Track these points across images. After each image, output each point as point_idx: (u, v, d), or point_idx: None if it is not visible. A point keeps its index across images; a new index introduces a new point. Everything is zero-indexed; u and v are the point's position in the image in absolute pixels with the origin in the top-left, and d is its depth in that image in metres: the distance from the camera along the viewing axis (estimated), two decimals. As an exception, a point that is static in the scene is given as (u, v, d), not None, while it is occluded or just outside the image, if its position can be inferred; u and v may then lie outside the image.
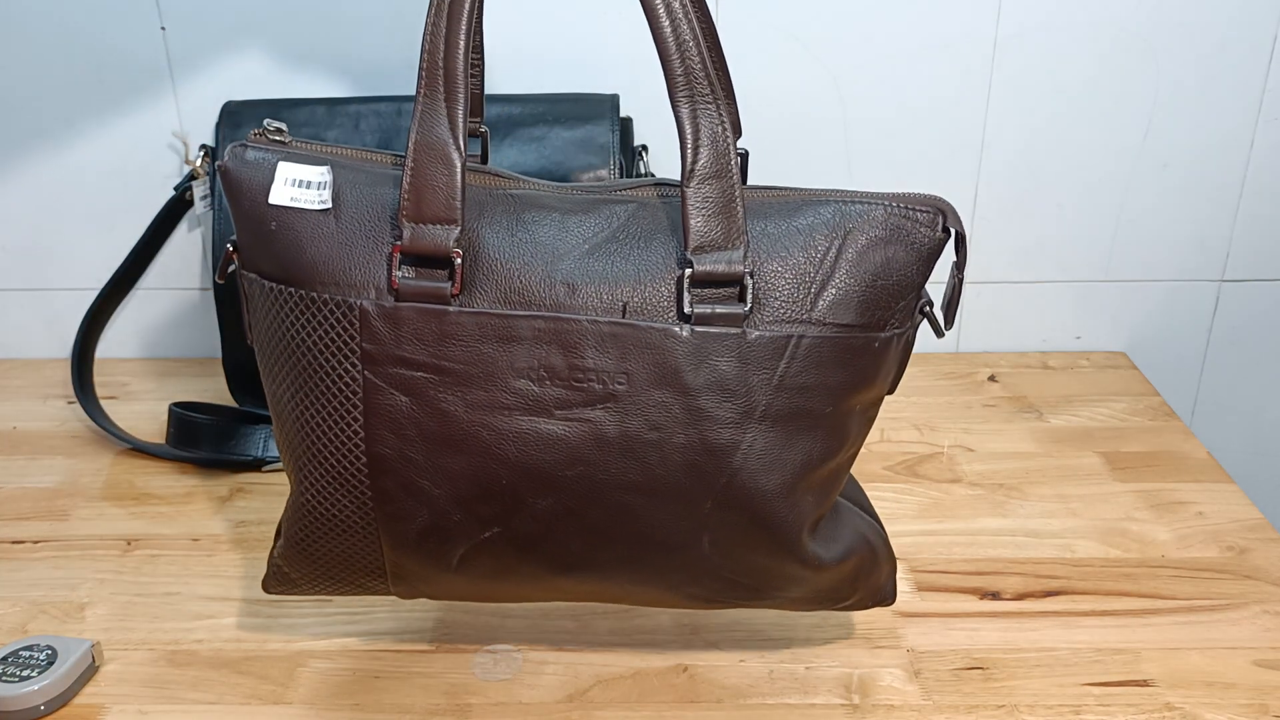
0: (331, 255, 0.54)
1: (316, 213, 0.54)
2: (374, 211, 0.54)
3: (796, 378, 0.54)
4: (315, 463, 0.57)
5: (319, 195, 0.54)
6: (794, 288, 0.53)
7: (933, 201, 0.55)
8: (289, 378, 0.56)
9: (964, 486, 0.86)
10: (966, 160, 1.01)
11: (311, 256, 0.54)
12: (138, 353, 1.08)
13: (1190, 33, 0.96)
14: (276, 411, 0.58)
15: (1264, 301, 1.07)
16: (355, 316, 0.53)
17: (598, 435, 0.54)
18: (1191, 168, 1.01)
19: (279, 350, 0.56)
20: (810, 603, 0.63)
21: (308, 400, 0.56)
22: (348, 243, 0.54)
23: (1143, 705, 0.65)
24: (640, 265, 0.53)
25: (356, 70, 0.98)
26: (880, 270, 0.54)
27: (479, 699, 0.66)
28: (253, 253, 0.56)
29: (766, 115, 0.99)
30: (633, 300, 0.53)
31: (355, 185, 0.55)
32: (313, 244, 0.54)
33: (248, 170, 0.54)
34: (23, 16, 0.96)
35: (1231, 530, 0.81)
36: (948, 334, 1.08)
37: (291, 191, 0.54)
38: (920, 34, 0.97)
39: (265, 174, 0.54)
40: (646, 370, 0.53)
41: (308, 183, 0.54)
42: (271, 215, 0.54)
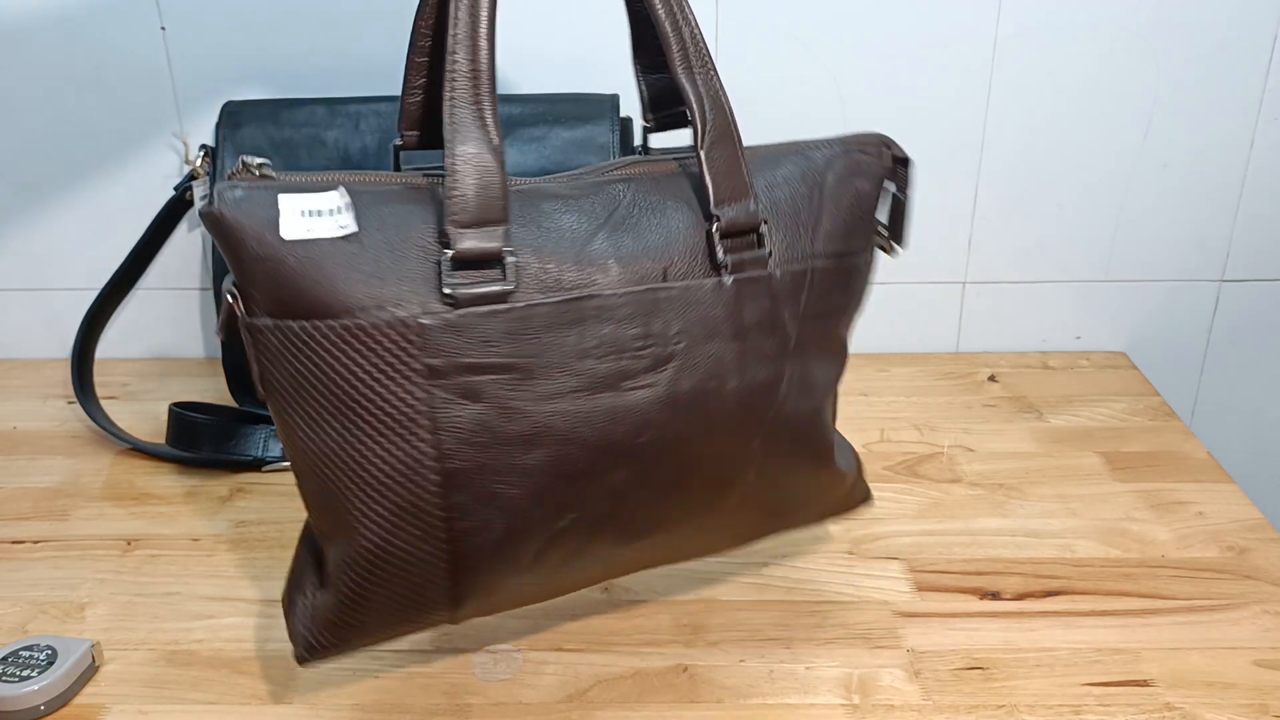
0: (366, 279, 0.51)
1: (338, 240, 0.51)
2: (395, 226, 0.52)
3: (814, 306, 0.59)
4: (377, 499, 0.53)
5: (337, 221, 0.51)
6: (795, 229, 0.58)
7: (876, 138, 0.62)
8: (331, 419, 0.53)
9: (964, 486, 0.86)
10: (966, 160, 1.01)
11: (344, 284, 0.51)
12: (138, 353, 1.08)
13: (1190, 33, 0.96)
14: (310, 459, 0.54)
15: (1264, 301, 1.07)
16: (414, 334, 0.51)
17: (663, 397, 0.56)
18: (1191, 168, 1.01)
19: (315, 392, 0.52)
20: (824, 514, 0.68)
21: (361, 435, 0.52)
22: (380, 263, 0.51)
23: (1143, 705, 0.65)
24: (663, 232, 0.56)
25: (356, 70, 0.98)
26: (854, 201, 0.61)
27: (479, 699, 0.66)
28: (264, 296, 0.52)
29: (766, 115, 0.99)
30: (667, 261, 0.55)
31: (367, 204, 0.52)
32: (343, 272, 0.51)
33: (244, 211, 0.50)
34: (23, 16, 0.96)
35: (1231, 530, 0.81)
36: (948, 334, 1.08)
37: (306, 223, 0.51)
38: (920, 34, 0.97)
39: (266, 211, 0.51)
40: (698, 326, 0.56)
41: (319, 211, 0.51)
42: (287, 251, 0.51)
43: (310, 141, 0.91)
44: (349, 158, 0.90)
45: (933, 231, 1.04)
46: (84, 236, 1.04)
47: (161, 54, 0.98)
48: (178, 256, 1.04)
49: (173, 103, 0.99)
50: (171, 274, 1.05)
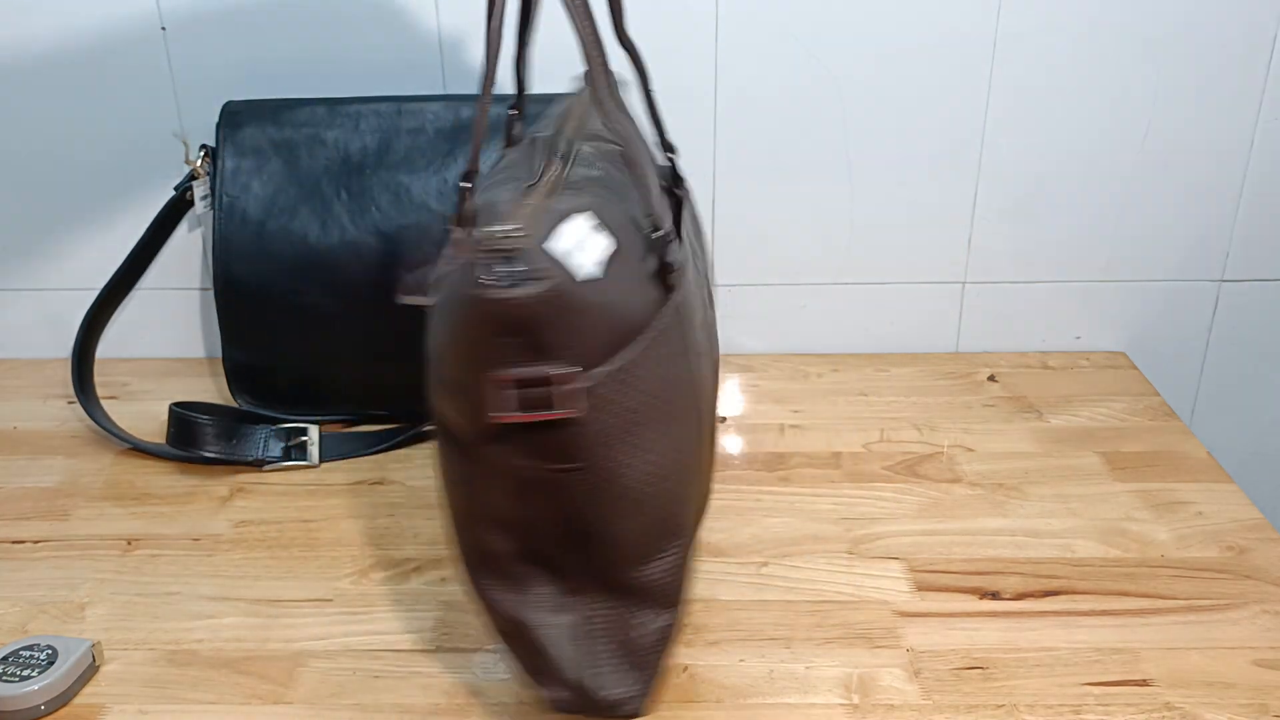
0: (631, 291, 0.49)
1: (607, 260, 0.48)
2: (628, 225, 0.51)
3: None
4: (688, 506, 0.53)
5: (598, 244, 0.48)
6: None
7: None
8: (661, 423, 0.50)
9: (964, 486, 0.86)
10: (966, 160, 1.01)
11: (628, 303, 0.49)
12: (138, 353, 1.08)
13: (1190, 33, 0.96)
14: (644, 481, 0.50)
15: (1264, 301, 1.07)
16: (672, 313, 0.51)
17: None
18: (1192, 167, 1.01)
19: (645, 411, 0.49)
20: None
21: (681, 429, 0.51)
22: (632, 268, 0.50)
23: (1142, 705, 0.65)
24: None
25: (356, 70, 0.98)
26: None
27: (479, 699, 0.66)
28: (583, 351, 0.47)
29: (766, 115, 0.99)
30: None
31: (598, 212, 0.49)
32: (625, 282, 0.49)
33: (543, 276, 0.45)
34: (23, 17, 0.96)
35: (1231, 530, 0.81)
36: (948, 334, 1.08)
37: (580, 256, 0.46)
38: (920, 34, 0.97)
39: (556, 267, 0.45)
40: None
41: (582, 244, 0.47)
42: (588, 289, 0.46)
43: (310, 141, 0.91)
44: (349, 158, 0.90)
45: (932, 231, 1.04)
46: (84, 236, 1.04)
47: (161, 54, 0.98)
48: (178, 256, 1.04)
49: (173, 103, 0.99)
50: (171, 274, 1.05)
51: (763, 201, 1.03)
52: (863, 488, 0.86)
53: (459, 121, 0.91)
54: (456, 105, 0.91)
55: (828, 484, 0.86)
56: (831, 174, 1.02)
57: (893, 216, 1.03)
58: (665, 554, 0.53)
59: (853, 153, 1.01)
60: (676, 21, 0.96)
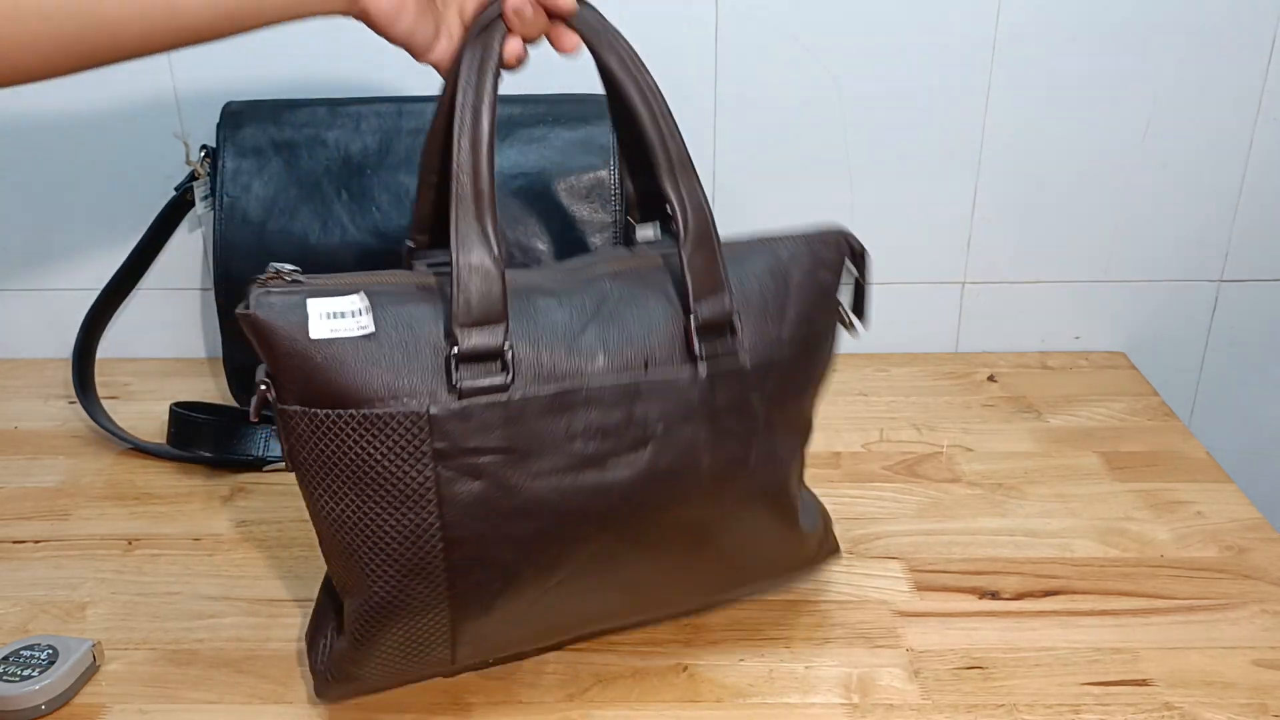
0: (383, 374, 0.57)
1: (359, 339, 0.58)
2: (408, 326, 0.58)
3: (780, 387, 0.65)
4: (388, 561, 0.60)
5: (358, 322, 0.58)
6: (763, 319, 0.64)
7: (836, 234, 0.68)
8: (350, 492, 0.59)
9: (963, 486, 0.86)
10: (966, 160, 1.01)
11: (364, 379, 0.57)
12: (138, 353, 1.08)
13: (1190, 33, 0.97)
14: (331, 524, 0.60)
15: (1263, 301, 1.07)
16: (425, 423, 0.57)
17: (643, 473, 0.62)
18: (1190, 168, 1.01)
19: (337, 469, 0.59)
20: (792, 573, 0.72)
21: (377, 508, 0.59)
22: (394, 359, 0.58)
23: (1142, 705, 0.65)
24: (645, 324, 0.62)
25: (356, 70, 0.98)
26: (817, 291, 0.66)
27: (479, 699, 0.66)
28: (293, 387, 0.58)
29: (766, 115, 1.00)
30: (648, 352, 0.61)
31: (383, 306, 0.59)
32: (362, 367, 0.57)
33: (276, 314, 0.57)
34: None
35: (1230, 530, 0.81)
36: (947, 334, 1.08)
37: (330, 324, 0.57)
38: (920, 34, 0.97)
39: (296, 314, 0.57)
40: (675, 411, 0.62)
41: (343, 313, 0.58)
42: (315, 349, 0.57)
43: (311, 142, 0.91)
44: (349, 158, 0.90)
45: (932, 231, 1.04)
46: (84, 236, 1.04)
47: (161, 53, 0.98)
48: (178, 256, 1.04)
49: (173, 103, 0.99)
50: (172, 274, 1.05)
51: (763, 201, 1.03)
52: (862, 487, 0.86)
53: (459, 122, 0.91)
54: (457, 105, 0.91)
55: (827, 484, 0.87)
56: (831, 174, 1.02)
57: (893, 216, 1.04)
58: (350, 595, 0.62)
59: (853, 153, 1.01)
60: (676, 22, 0.97)
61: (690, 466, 0.62)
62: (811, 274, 0.66)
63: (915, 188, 1.03)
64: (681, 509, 0.63)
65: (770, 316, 0.64)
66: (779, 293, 0.65)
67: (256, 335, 0.57)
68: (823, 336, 0.67)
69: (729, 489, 0.64)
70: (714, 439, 0.63)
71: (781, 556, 0.70)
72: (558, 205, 0.88)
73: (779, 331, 0.64)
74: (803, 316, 0.65)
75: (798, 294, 0.65)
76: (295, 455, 0.60)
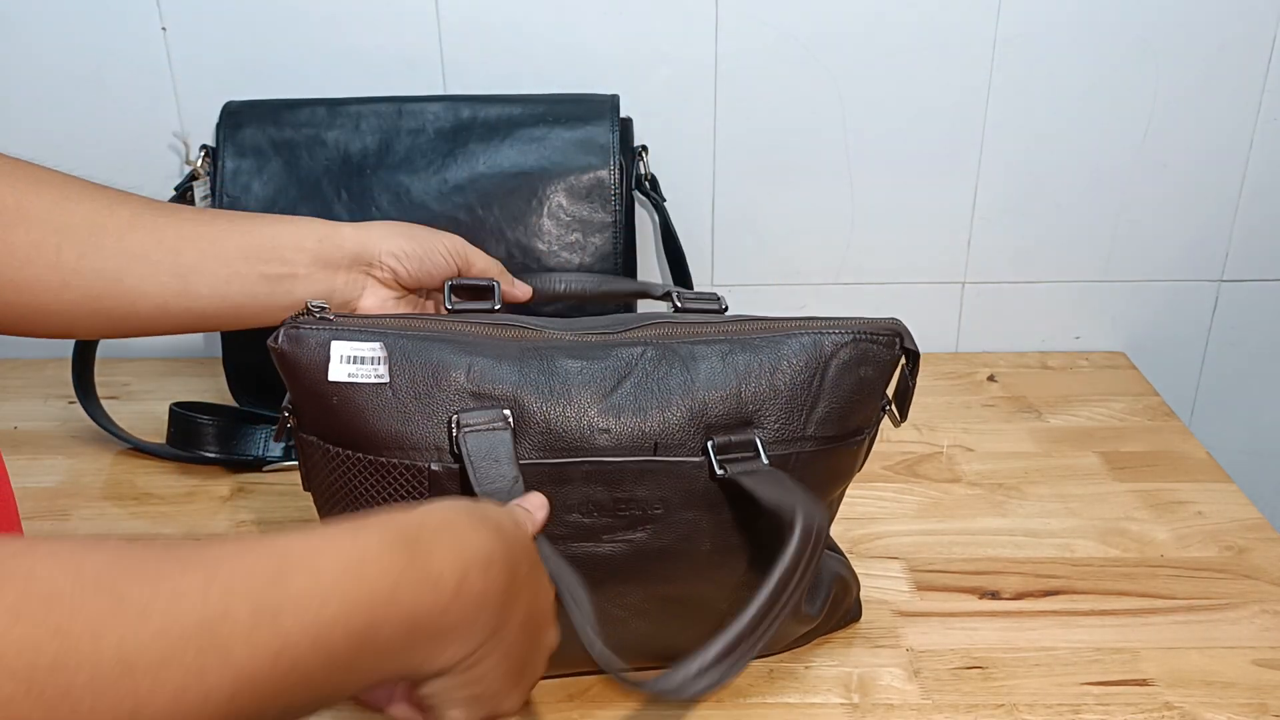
0: (393, 424, 0.58)
1: (374, 385, 0.59)
2: (425, 378, 0.59)
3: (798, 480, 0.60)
4: None
5: (375, 370, 0.59)
6: (789, 410, 0.61)
7: (890, 325, 0.63)
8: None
9: (963, 486, 0.86)
10: (966, 160, 1.01)
11: (374, 426, 0.58)
12: (138, 353, 1.08)
13: (1190, 33, 0.96)
14: None
15: (1263, 301, 1.07)
16: (425, 477, 0.58)
17: (639, 550, 0.60)
18: (1191, 168, 1.01)
19: (344, 500, 0.60)
20: (795, 644, 0.70)
21: None
22: (405, 411, 0.58)
23: (1142, 705, 0.65)
24: (663, 410, 0.59)
25: (356, 70, 0.98)
26: (855, 388, 0.62)
27: (479, 698, 0.66)
28: (312, 420, 0.60)
29: (766, 115, 0.99)
30: (660, 436, 0.59)
31: (404, 354, 0.59)
32: (374, 415, 0.58)
33: (303, 350, 0.59)
34: (23, 17, 0.96)
35: (1230, 530, 0.81)
36: (947, 334, 1.08)
37: (348, 368, 0.59)
38: (920, 34, 0.97)
39: (320, 353, 0.59)
40: (678, 496, 0.60)
41: (362, 359, 0.59)
42: (331, 391, 0.58)
43: (310, 142, 0.91)
44: (349, 158, 0.90)
45: (932, 231, 1.04)
46: (84, 236, 1.04)
47: (162, 54, 0.98)
48: (178, 256, 1.04)
49: (173, 103, 0.99)
50: (172, 274, 1.05)
51: (763, 201, 1.03)
52: (863, 487, 0.86)
53: (459, 122, 0.91)
54: (456, 106, 0.91)
55: (827, 484, 0.86)
56: (831, 174, 1.02)
57: (893, 216, 1.03)
58: None
59: (853, 153, 1.01)
60: (676, 22, 0.96)
61: (687, 551, 0.61)
62: (852, 369, 0.61)
63: (915, 188, 1.02)
64: (674, 587, 0.62)
65: (797, 410, 0.60)
66: (812, 385, 0.61)
67: (283, 368, 0.60)
68: (856, 434, 0.63)
69: (727, 574, 0.62)
70: (716, 527, 0.61)
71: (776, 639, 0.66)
72: (558, 205, 0.88)
73: (804, 427, 0.61)
74: (835, 413, 0.61)
75: (833, 388, 0.61)
76: (309, 478, 0.62)
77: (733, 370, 0.60)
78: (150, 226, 0.63)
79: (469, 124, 0.91)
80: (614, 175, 0.89)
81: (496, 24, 0.97)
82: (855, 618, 0.71)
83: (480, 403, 0.58)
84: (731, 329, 0.63)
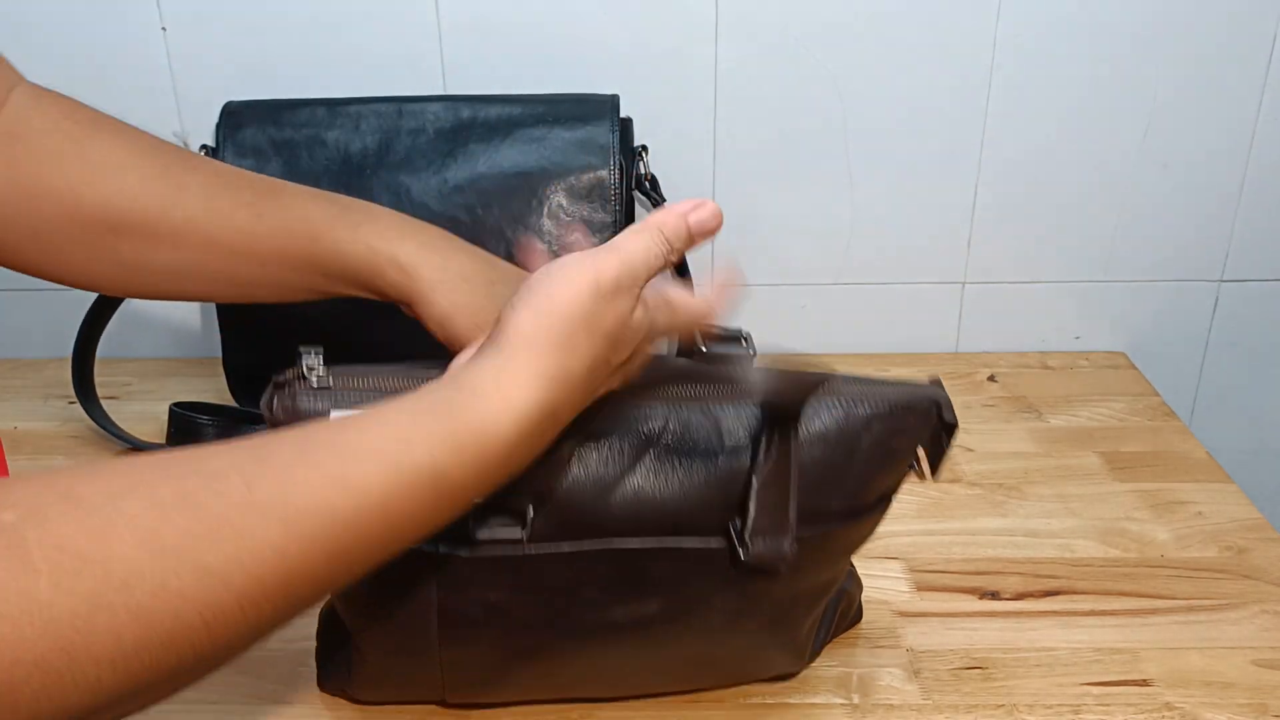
0: None
1: None
2: None
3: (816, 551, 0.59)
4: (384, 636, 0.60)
5: None
6: (818, 488, 0.57)
7: (928, 398, 0.59)
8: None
9: (963, 486, 0.86)
10: (966, 160, 1.01)
11: None
12: (138, 353, 1.08)
13: (1190, 33, 0.96)
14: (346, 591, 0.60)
15: (1264, 301, 1.07)
16: (433, 559, 0.56)
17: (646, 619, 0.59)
18: (1191, 168, 1.01)
19: None
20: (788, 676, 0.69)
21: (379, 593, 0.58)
22: None
23: (1142, 705, 0.65)
24: (684, 484, 0.56)
25: (356, 70, 0.98)
26: (886, 457, 0.59)
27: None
28: None
29: (766, 115, 0.99)
30: (682, 520, 0.56)
31: None
32: None
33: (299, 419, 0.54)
34: (23, 17, 0.96)
35: (1231, 530, 0.81)
36: (947, 334, 1.08)
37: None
38: (920, 34, 0.97)
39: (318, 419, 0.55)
40: (695, 573, 0.57)
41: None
42: None
43: (310, 142, 0.91)
44: (349, 158, 0.90)
45: (932, 231, 1.04)
46: (84, 236, 1.04)
47: (162, 54, 0.98)
48: (178, 256, 1.04)
49: (173, 103, 0.99)
50: (172, 274, 1.05)
51: (763, 201, 1.03)
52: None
53: (459, 122, 0.91)
54: (456, 106, 0.91)
55: (827, 484, 0.86)
56: (831, 174, 1.02)
57: (893, 216, 1.03)
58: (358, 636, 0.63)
59: (853, 153, 1.01)
60: (676, 22, 0.96)
61: (696, 621, 0.59)
62: (885, 442, 0.58)
63: (915, 188, 1.02)
64: (680, 648, 0.61)
65: (825, 486, 0.57)
66: (841, 460, 0.57)
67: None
68: (880, 500, 0.61)
69: (734, 639, 0.61)
70: (736, 610, 0.59)
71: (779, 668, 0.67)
72: (558, 205, 0.88)
73: (829, 502, 0.58)
74: (862, 484, 0.58)
75: (863, 462, 0.58)
76: None
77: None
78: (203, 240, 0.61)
79: (469, 124, 0.91)
80: (614, 175, 0.89)
81: (496, 24, 0.97)
82: (855, 621, 0.72)
83: None
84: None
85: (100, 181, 0.62)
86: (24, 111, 0.62)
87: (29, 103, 0.63)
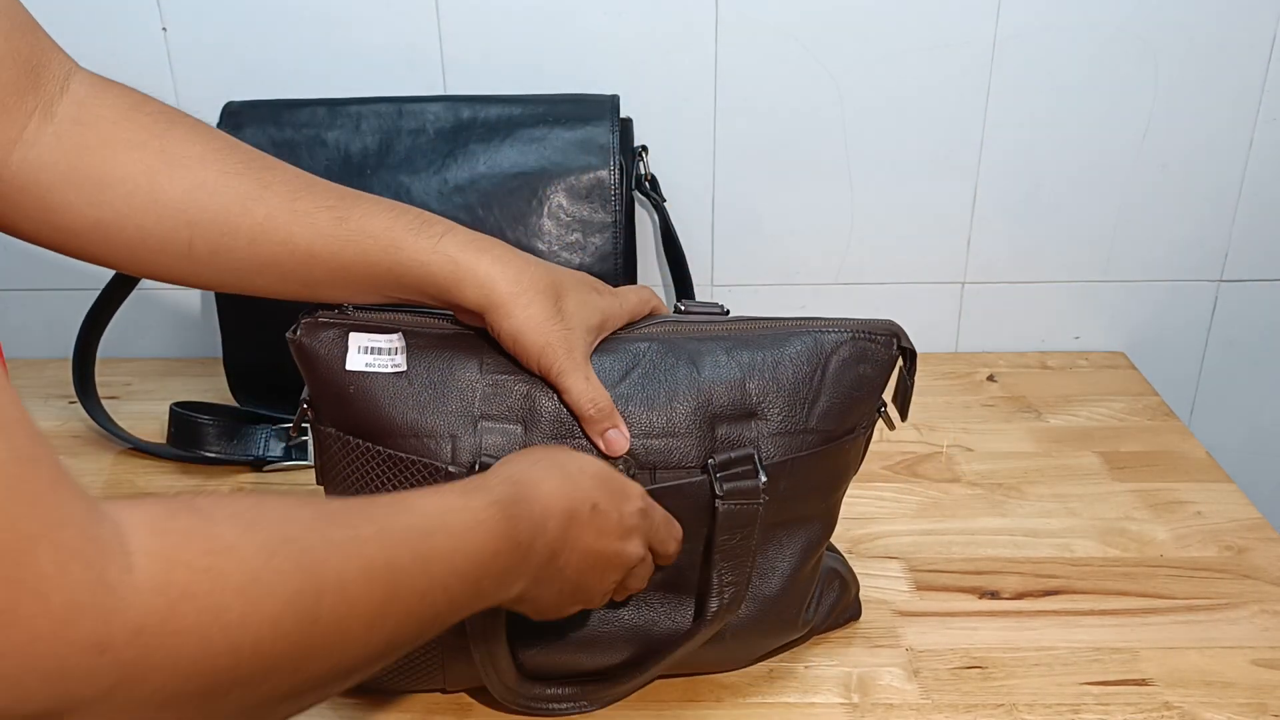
0: (409, 413, 0.60)
1: (391, 375, 0.60)
2: (441, 368, 0.60)
3: (794, 488, 0.63)
4: None
5: (392, 360, 0.60)
6: (792, 403, 0.62)
7: (888, 326, 0.64)
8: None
9: (963, 486, 0.86)
10: (966, 160, 1.01)
11: (390, 416, 0.59)
12: (138, 353, 1.08)
13: (1190, 33, 0.96)
14: None
15: (1263, 301, 1.07)
16: (440, 475, 0.59)
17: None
18: (1191, 168, 1.01)
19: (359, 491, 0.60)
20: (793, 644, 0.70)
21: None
22: (421, 400, 0.60)
23: (1141, 704, 0.65)
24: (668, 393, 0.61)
25: (357, 70, 0.98)
26: (855, 383, 0.63)
27: (479, 698, 0.66)
28: (330, 411, 0.61)
29: (766, 116, 1.00)
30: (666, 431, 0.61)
31: (421, 346, 0.61)
32: (390, 405, 0.60)
33: (320, 342, 0.60)
34: (23, 17, 0.96)
35: (1230, 530, 0.81)
36: (947, 334, 1.08)
37: (366, 358, 0.60)
38: (919, 34, 0.97)
39: (338, 344, 0.60)
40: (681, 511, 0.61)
41: (379, 349, 0.60)
42: (349, 380, 0.60)
43: (311, 142, 0.91)
44: (349, 158, 0.90)
45: (932, 231, 1.04)
46: (84, 236, 1.04)
47: (162, 54, 0.98)
48: (178, 256, 1.04)
49: (173, 103, 0.99)
50: (172, 274, 1.05)
51: (763, 201, 1.03)
52: (863, 487, 0.86)
53: (459, 122, 0.91)
54: (456, 106, 0.91)
55: (827, 484, 0.87)
56: (831, 174, 1.02)
57: (892, 216, 1.04)
58: None
59: (853, 153, 1.01)
60: (676, 22, 0.97)
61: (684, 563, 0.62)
62: (852, 365, 0.63)
63: (915, 188, 1.02)
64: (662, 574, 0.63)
65: (800, 403, 0.62)
66: (814, 379, 0.62)
67: (300, 360, 0.61)
68: (854, 432, 0.64)
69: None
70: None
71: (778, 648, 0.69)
72: (558, 205, 0.88)
73: (806, 419, 0.62)
74: (836, 408, 0.63)
75: (834, 383, 0.63)
76: (325, 471, 0.62)
77: (737, 364, 0.62)
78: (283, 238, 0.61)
79: (469, 124, 0.91)
80: (614, 175, 0.89)
81: (497, 24, 0.97)
82: (855, 616, 0.72)
83: (494, 391, 0.60)
84: (735, 327, 0.64)
85: (180, 174, 0.61)
86: (89, 100, 0.62)
87: (93, 92, 0.62)
